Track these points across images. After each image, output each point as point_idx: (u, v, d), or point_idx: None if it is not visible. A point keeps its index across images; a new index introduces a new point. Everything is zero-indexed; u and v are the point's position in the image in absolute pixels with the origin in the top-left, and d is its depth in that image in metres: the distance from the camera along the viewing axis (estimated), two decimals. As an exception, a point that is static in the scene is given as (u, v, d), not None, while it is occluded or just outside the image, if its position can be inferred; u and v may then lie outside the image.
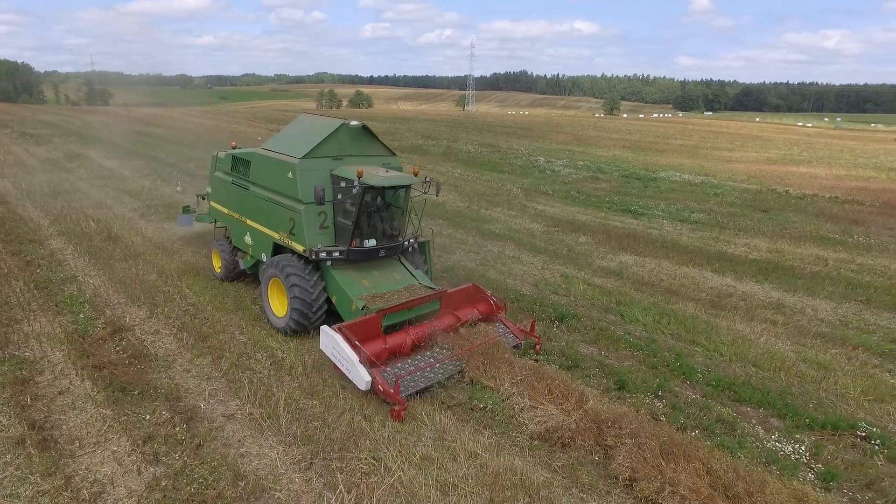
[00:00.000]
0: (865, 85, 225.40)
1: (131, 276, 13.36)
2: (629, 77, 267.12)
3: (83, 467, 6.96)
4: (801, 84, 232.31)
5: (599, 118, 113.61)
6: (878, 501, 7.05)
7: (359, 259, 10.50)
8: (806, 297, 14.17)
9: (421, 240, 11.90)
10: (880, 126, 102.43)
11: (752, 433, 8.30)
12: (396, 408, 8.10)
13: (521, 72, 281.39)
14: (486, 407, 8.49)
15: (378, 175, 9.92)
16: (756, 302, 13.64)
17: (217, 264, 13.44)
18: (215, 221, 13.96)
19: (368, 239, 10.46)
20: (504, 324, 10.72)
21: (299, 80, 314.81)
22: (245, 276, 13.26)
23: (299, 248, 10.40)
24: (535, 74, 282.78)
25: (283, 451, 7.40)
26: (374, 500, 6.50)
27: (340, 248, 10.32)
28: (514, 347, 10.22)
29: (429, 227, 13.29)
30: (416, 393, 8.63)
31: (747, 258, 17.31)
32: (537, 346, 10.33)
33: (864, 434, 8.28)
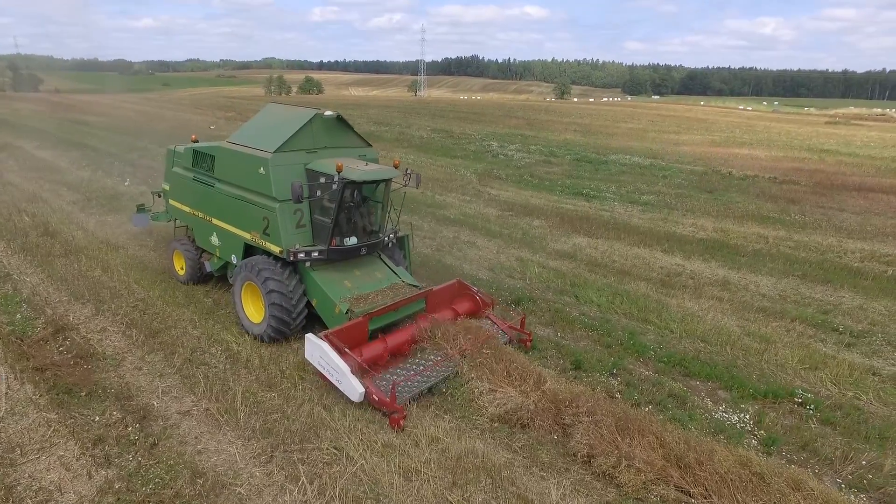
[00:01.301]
0: (799, 70, 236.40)
1: (73, 272, 12.74)
2: (579, 62, 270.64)
3: (26, 475, 6.64)
4: (742, 69, 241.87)
5: (551, 102, 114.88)
6: (811, 461, 7.55)
7: (339, 258, 9.92)
8: (749, 273, 14.85)
9: (399, 234, 11.37)
10: (812, 110, 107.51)
11: (701, 406, 8.69)
12: (395, 416, 7.71)
13: (472, 56, 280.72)
14: (446, 391, 8.57)
15: (358, 169, 9.29)
16: (703, 280, 14.20)
17: (179, 266, 12.47)
18: (175, 220, 12.92)
19: (349, 237, 9.90)
20: (492, 321, 10.35)
21: (246, 66, 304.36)
22: (211, 278, 12.40)
23: (275, 249, 9.74)
24: (486, 59, 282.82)
25: (243, 445, 7.27)
26: (337, 489, 6.49)
27: (320, 247, 9.67)
28: (505, 344, 9.82)
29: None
30: (412, 399, 8.24)
31: (695, 238, 17.98)
32: (527, 343, 10.07)
33: (800, 400, 8.81)
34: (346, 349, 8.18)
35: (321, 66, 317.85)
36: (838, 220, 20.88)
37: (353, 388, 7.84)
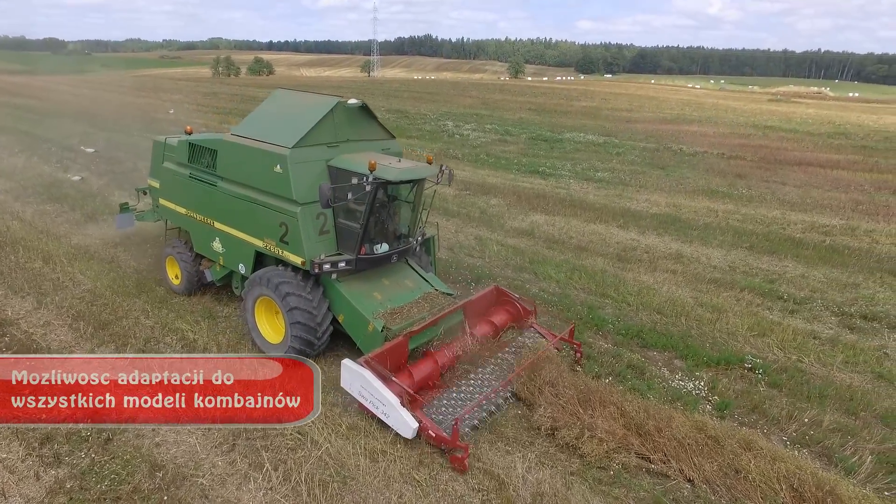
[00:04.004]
0: (743, 50, 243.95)
1: (10, 264, 12.03)
2: (532, 41, 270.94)
3: (-34, 482, 6.28)
4: (690, 48, 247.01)
5: (505, 81, 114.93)
6: (760, 422, 7.93)
7: (367, 268, 8.70)
8: (701, 246, 15.35)
9: (426, 236, 10.25)
10: (756, 88, 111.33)
11: (658, 375, 8.97)
12: (459, 455, 6.70)
13: (425, 36, 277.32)
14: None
15: (393, 167, 8.04)
16: (658, 254, 14.60)
17: (174, 275, 11.07)
18: (166, 222, 11.38)
19: (380, 244, 8.68)
20: (538, 331, 9.34)
21: (191, 47, 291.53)
22: (212, 287, 10.99)
23: (296, 260, 8.35)
24: (440, 38, 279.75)
25: (203, 435, 7.09)
26: (303, 474, 6.42)
27: (347, 256, 8.41)
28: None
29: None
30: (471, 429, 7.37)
31: (648, 213, 18.43)
32: (578, 355, 9.08)
33: (750, 366, 9.21)
34: (392, 377, 7.20)
35: (271, 47, 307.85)
36: (781, 193, 21.79)
37: (406, 423, 6.83)
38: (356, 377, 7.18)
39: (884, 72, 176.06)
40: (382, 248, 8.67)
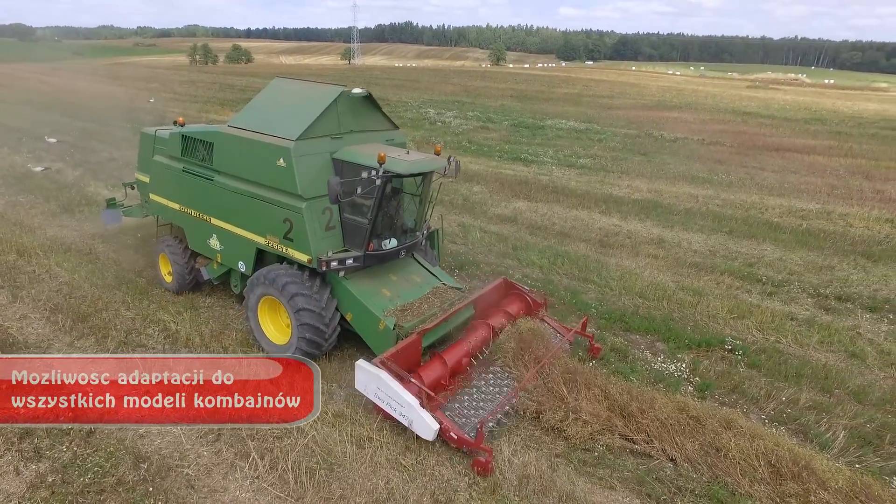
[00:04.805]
0: (723, 36, 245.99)
1: (-17, 257, 11.76)
2: (513, 27, 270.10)
3: (-57, 480, 6.15)
4: (670, 35, 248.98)
5: (487, 69, 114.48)
6: (740, 401, 8.10)
7: (374, 264, 8.46)
8: (682, 231, 15.54)
9: (431, 229, 9.97)
10: (735, 74, 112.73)
11: (641, 358, 9.10)
12: (482, 458, 6.50)
13: (406, 23, 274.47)
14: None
15: (402, 159, 7.71)
16: (640, 239, 14.75)
17: (167, 272, 10.67)
18: (157, 218, 10.94)
19: (388, 239, 8.39)
20: (549, 324, 9.12)
21: (167, 34, 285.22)
22: (209, 285, 10.65)
23: (302, 257, 8.04)
24: (420, 26, 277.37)
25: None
26: (290, 462, 6.41)
27: (355, 253, 8.16)
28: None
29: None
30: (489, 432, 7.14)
31: (630, 199, 18.58)
32: (594, 349, 8.96)
33: (730, 347, 9.39)
34: (410, 377, 6.99)
35: (249, 34, 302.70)
36: (760, 178, 22.11)
37: (426, 424, 6.58)
38: (372, 378, 6.88)
39: (858, 59, 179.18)
40: (391, 243, 8.38)
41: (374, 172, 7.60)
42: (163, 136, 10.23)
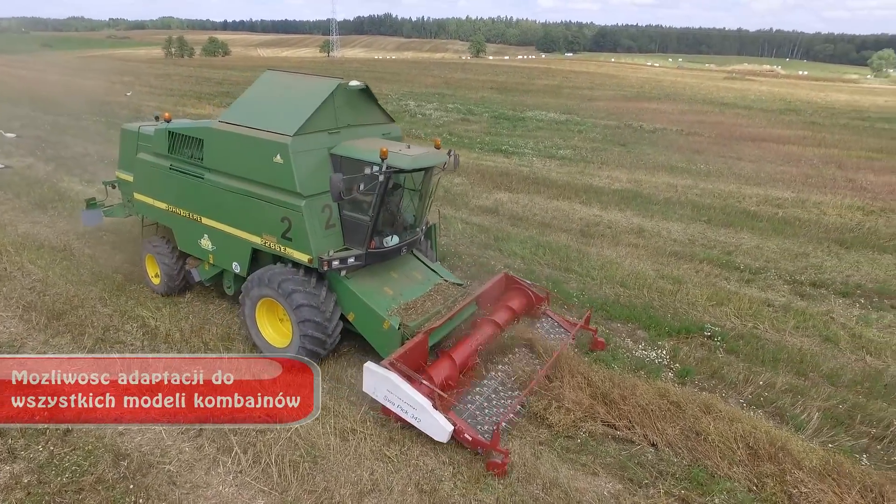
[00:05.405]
0: (700, 28, 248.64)
1: (-48, 255, 11.44)
2: (493, 19, 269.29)
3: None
4: (649, 26, 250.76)
5: (467, 61, 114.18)
6: (719, 386, 8.25)
7: (375, 262, 8.20)
8: (661, 220, 15.71)
9: (429, 224, 9.82)
10: (712, 66, 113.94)
11: (623, 345, 9.20)
12: (498, 460, 6.35)
13: (385, 15, 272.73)
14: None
15: (404, 154, 7.49)
16: (620, 228, 14.89)
17: (154, 274, 10.27)
18: (142, 218, 10.53)
19: (389, 236, 8.18)
20: (552, 318, 9.08)
21: (141, 26, 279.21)
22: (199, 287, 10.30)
23: (302, 257, 7.75)
24: (400, 18, 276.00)
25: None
26: (273, 455, 6.38)
27: (356, 251, 7.90)
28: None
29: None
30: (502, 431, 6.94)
31: (610, 189, 18.72)
32: (598, 343, 8.91)
33: (709, 334, 9.54)
34: (421, 378, 6.84)
35: (226, 27, 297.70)
36: (737, 168, 22.43)
37: (439, 426, 6.44)
38: (381, 381, 6.70)
39: (830, 51, 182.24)
40: (393, 240, 8.17)
41: (376, 168, 7.34)
42: (147, 133, 9.81)
